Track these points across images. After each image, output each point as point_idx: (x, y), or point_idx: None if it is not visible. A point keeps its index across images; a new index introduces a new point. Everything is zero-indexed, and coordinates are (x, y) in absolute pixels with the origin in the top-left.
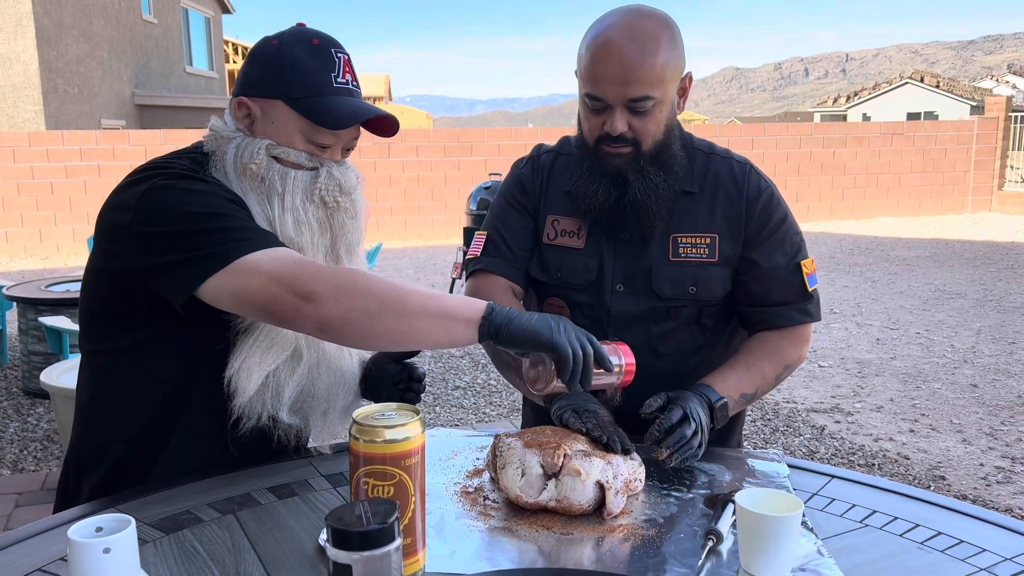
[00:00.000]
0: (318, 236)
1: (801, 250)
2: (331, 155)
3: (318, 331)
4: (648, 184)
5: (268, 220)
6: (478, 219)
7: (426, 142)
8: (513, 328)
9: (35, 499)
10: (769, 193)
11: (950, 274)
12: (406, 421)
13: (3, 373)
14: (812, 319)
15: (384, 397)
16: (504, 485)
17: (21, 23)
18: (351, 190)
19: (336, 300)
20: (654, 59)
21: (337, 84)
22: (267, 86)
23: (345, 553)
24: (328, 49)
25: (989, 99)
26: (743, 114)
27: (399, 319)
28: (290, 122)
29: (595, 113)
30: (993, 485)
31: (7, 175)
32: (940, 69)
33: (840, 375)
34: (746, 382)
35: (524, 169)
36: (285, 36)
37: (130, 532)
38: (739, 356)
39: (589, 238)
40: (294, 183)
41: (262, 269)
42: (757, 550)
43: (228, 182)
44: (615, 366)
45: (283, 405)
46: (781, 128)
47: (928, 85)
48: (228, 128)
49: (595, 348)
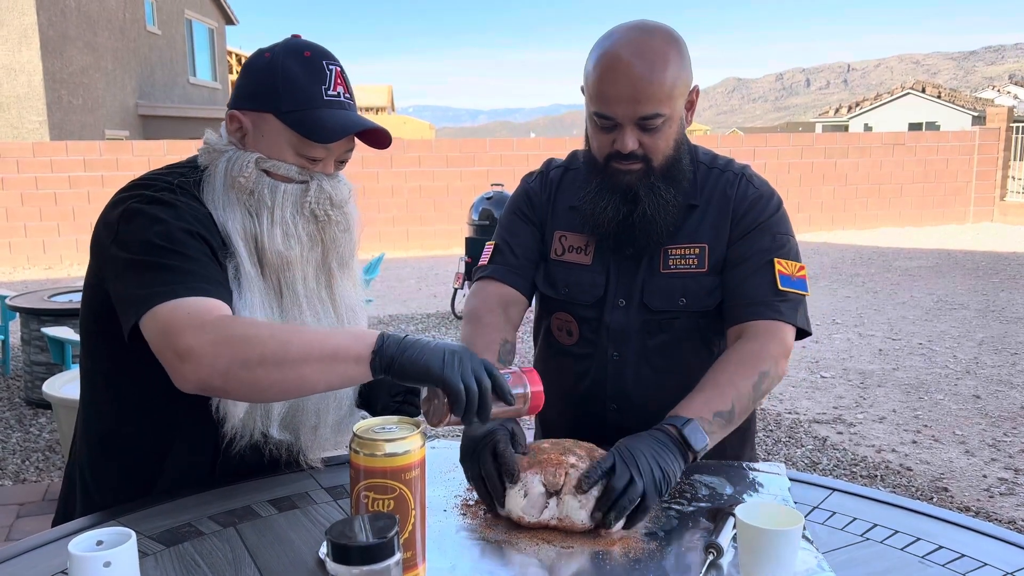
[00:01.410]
0: (307, 250)
1: (783, 248)
2: (323, 168)
3: (201, 391)
4: (659, 200)
5: (255, 235)
6: (480, 229)
7: (428, 152)
8: (404, 361)
9: (37, 510)
10: (757, 196)
11: (952, 285)
12: (406, 435)
13: (6, 383)
14: (782, 318)
15: (379, 409)
16: (507, 509)
17: (26, 34)
18: (343, 203)
19: (214, 357)
20: (663, 76)
21: (328, 97)
22: (258, 99)
23: (345, 568)
24: (320, 61)
25: (990, 110)
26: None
27: (282, 368)
28: (280, 136)
29: (604, 131)
30: (996, 497)
31: (11, 185)
32: (942, 80)
33: (842, 386)
34: (717, 399)
35: (533, 184)
36: (277, 48)
37: (130, 545)
38: (704, 377)
39: (597, 254)
40: (283, 196)
41: (160, 320)
42: (758, 564)
43: (216, 197)
44: (518, 396)
45: (273, 421)
46: (783, 139)
47: (930, 96)
48: (221, 142)
49: (494, 380)
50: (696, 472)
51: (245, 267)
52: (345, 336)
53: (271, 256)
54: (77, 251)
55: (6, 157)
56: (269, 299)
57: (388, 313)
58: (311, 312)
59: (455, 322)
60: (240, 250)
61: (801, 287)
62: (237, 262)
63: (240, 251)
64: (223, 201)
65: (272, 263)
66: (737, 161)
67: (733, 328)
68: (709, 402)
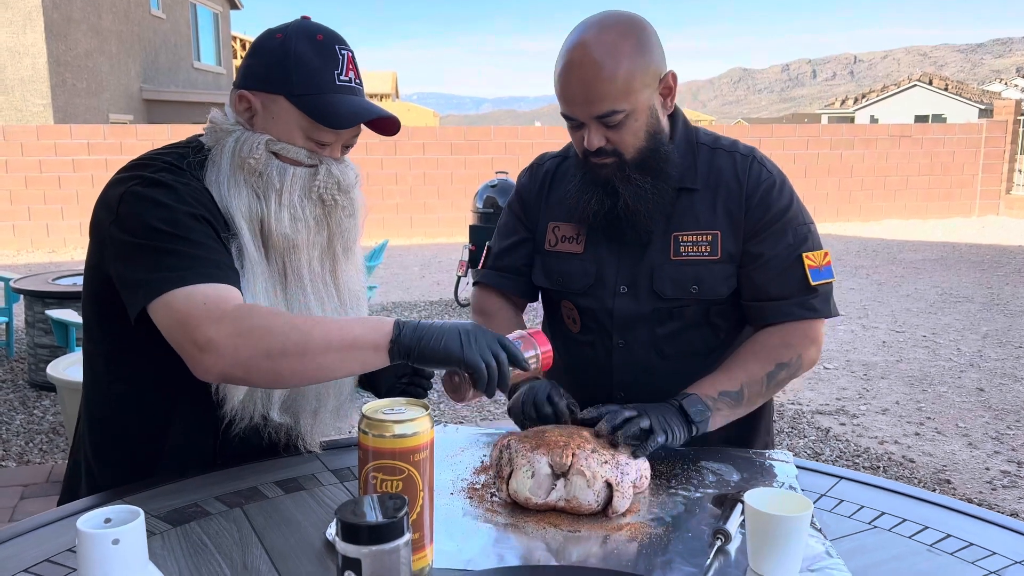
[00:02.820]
0: (314, 234)
1: (807, 241)
2: (331, 152)
3: (221, 381)
4: (637, 191)
5: (262, 217)
6: (484, 217)
7: (433, 140)
8: (424, 347)
9: (40, 491)
10: (770, 183)
11: (957, 277)
12: (415, 416)
13: (10, 366)
14: (816, 315)
15: (384, 391)
16: (513, 489)
17: (30, 17)
18: (349, 188)
19: (235, 348)
20: (614, 73)
21: (340, 82)
22: (270, 81)
23: (354, 547)
24: (332, 46)
25: (998, 102)
26: (750, 115)
27: (303, 358)
28: (291, 118)
29: (574, 129)
30: (999, 489)
31: (15, 168)
32: (949, 72)
33: (845, 377)
34: (725, 380)
35: (523, 180)
36: (289, 30)
37: (139, 523)
38: (722, 359)
39: (588, 243)
40: (292, 180)
41: (175, 308)
42: (766, 550)
43: (221, 177)
44: (531, 358)
45: (274, 404)
46: (788, 130)
47: (937, 88)
48: (228, 121)
49: (508, 351)
50: (703, 458)
51: (248, 249)
52: (362, 326)
53: (277, 239)
54: (81, 234)
55: (10, 140)
56: (272, 282)
57: (391, 300)
58: (315, 296)
59: (458, 309)
60: (243, 231)
61: (829, 275)
62: (240, 244)
63: (243, 232)
64: (229, 182)
65: (278, 246)
66: (742, 142)
67: (765, 328)
68: (716, 383)
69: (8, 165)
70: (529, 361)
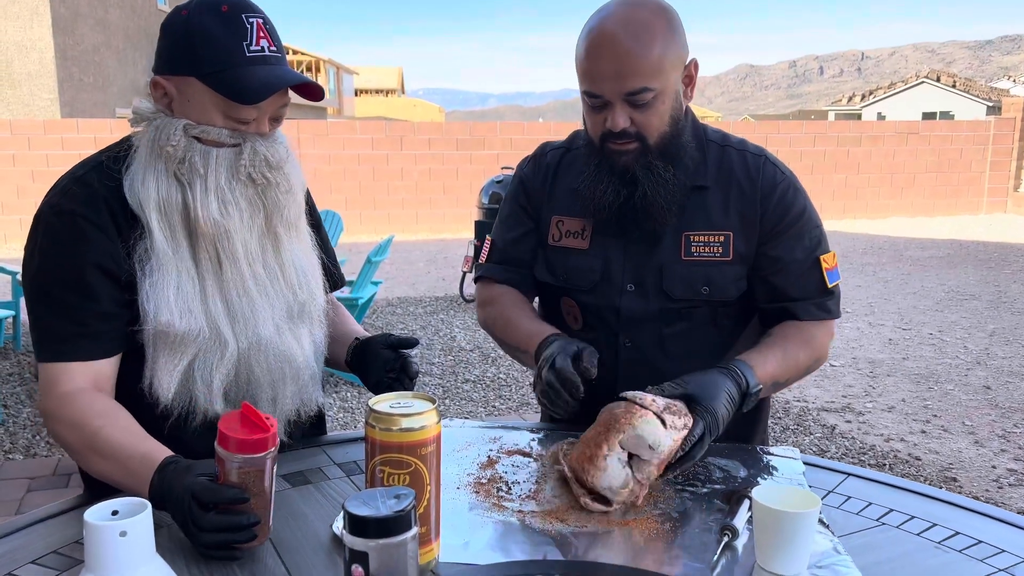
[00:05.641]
0: (248, 216)
1: (821, 243)
2: (257, 128)
3: None
4: (657, 180)
5: (186, 205)
6: (489, 212)
7: (438, 135)
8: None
9: (47, 484)
10: (785, 185)
11: (964, 275)
12: (422, 410)
13: (17, 359)
14: (831, 316)
15: (372, 380)
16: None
17: (37, 11)
18: (280, 164)
19: (49, 422)
20: (650, 49)
21: (251, 52)
22: (178, 62)
23: (362, 540)
24: (239, 15)
25: (1006, 100)
26: (757, 112)
27: (85, 458)
28: (205, 99)
29: (596, 110)
30: (1005, 488)
31: (22, 163)
32: (957, 69)
33: (852, 375)
34: (782, 368)
35: (526, 170)
36: (192, 5)
37: (146, 516)
38: (775, 340)
39: (594, 238)
40: (216, 162)
41: (42, 372)
42: (774, 546)
43: (139, 169)
44: None
45: (215, 396)
46: (795, 126)
47: (944, 85)
48: (150, 109)
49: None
50: (710, 455)
51: (159, 245)
52: (134, 460)
53: (205, 225)
54: None
55: (18, 134)
56: (191, 275)
57: (396, 295)
58: (254, 280)
59: (463, 305)
60: (154, 226)
61: (838, 276)
62: (151, 241)
63: (154, 228)
64: (145, 174)
65: (207, 233)
66: (750, 142)
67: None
68: (776, 369)
69: (15, 159)
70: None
